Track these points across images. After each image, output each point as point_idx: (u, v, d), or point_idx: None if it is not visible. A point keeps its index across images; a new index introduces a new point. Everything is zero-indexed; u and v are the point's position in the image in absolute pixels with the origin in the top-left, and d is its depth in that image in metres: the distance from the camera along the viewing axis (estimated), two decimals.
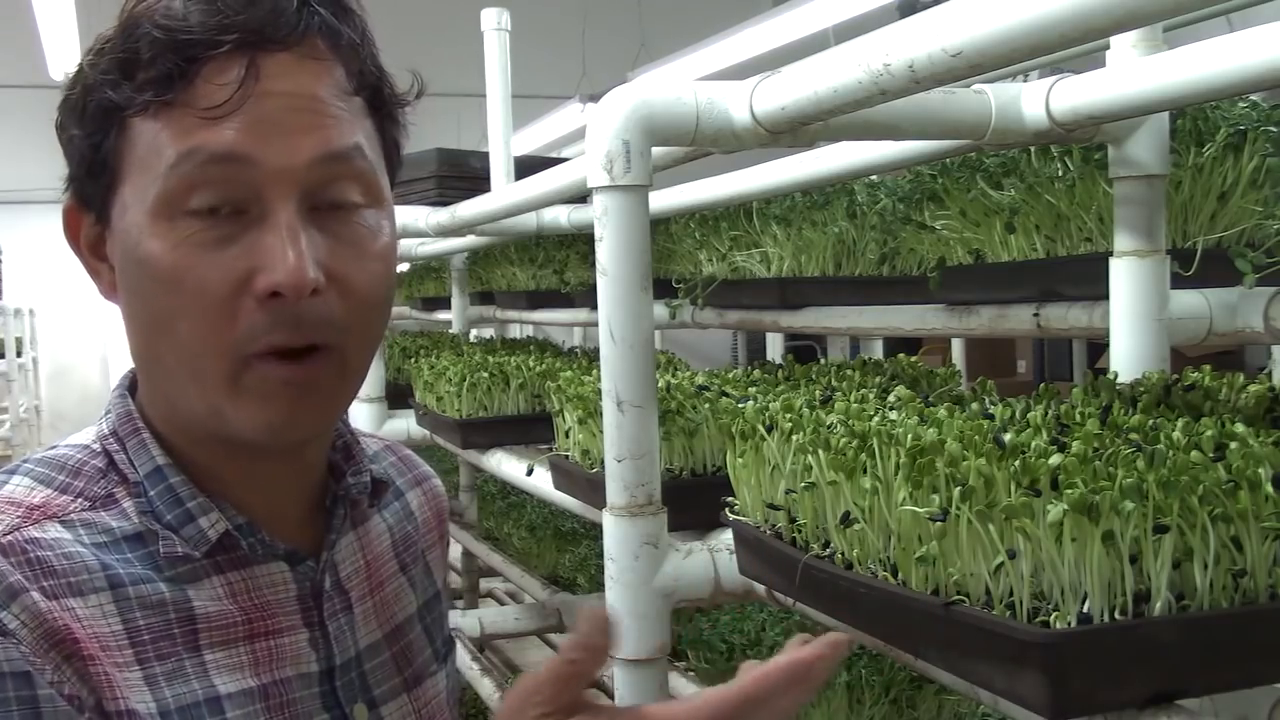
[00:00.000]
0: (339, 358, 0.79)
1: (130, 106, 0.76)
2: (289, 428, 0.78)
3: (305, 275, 0.74)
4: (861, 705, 2.04)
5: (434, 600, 0.99)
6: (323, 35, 0.78)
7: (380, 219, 0.82)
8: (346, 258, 0.78)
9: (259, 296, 0.75)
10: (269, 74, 0.75)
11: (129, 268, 0.78)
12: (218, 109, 0.74)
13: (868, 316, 2.05)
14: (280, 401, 0.77)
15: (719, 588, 1.32)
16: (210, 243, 0.75)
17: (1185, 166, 1.51)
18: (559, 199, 1.97)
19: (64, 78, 0.80)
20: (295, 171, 0.76)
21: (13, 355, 8.38)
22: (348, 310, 0.78)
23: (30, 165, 10.18)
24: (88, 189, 0.80)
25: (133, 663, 0.76)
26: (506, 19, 2.63)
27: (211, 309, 0.75)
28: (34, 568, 0.75)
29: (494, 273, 3.74)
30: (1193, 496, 0.80)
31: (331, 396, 0.80)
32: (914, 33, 0.97)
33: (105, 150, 0.78)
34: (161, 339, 0.78)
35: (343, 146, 0.78)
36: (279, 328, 0.75)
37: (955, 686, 0.99)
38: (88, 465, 0.82)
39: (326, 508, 0.89)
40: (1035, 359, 6.38)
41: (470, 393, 2.30)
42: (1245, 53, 1.06)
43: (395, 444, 1.05)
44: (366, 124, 0.82)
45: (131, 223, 0.77)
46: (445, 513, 1.05)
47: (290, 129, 0.76)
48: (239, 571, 0.82)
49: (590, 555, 3.35)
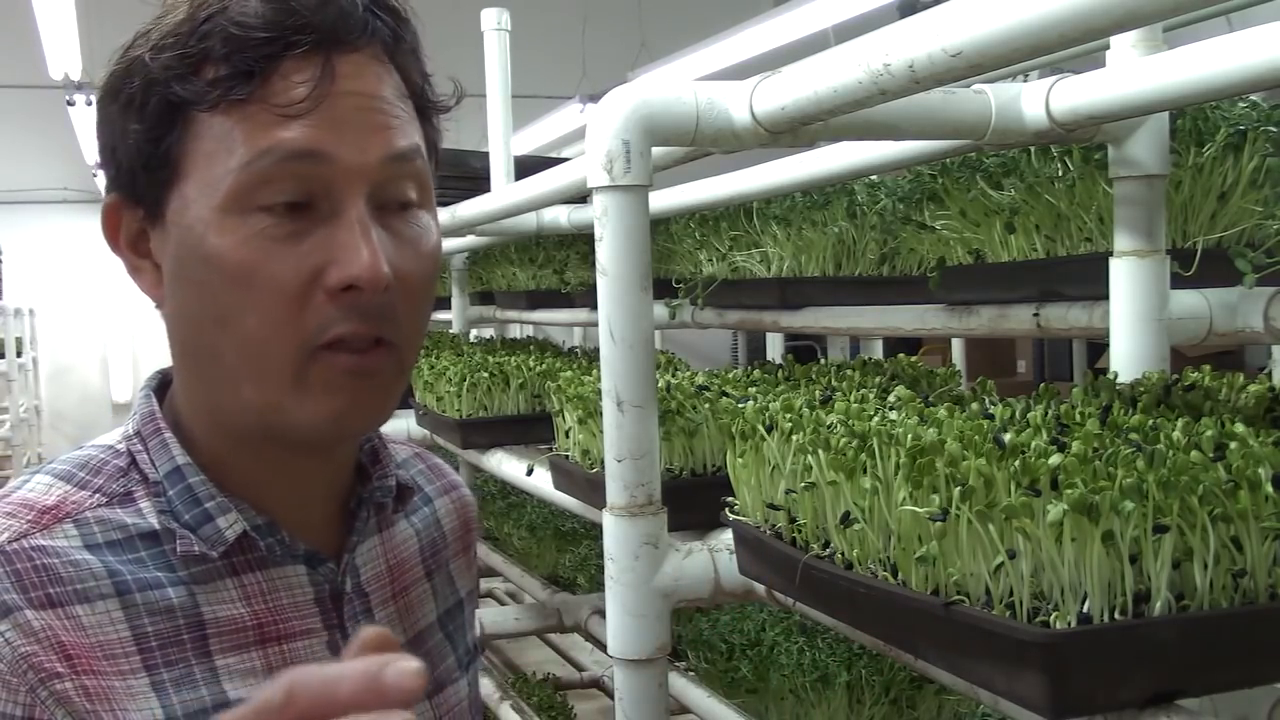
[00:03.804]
0: (398, 354, 0.80)
1: (201, 102, 0.76)
2: (350, 417, 0.79)
3: (381, 269, 0.75)
4: (861, 705, 2.04)
5: (456, 608, 0.99)
6: (384, 40, 0.80)
7: (430, 220, 0.83)
8: (406, 255, 0.79)
9: (332, 290, 0.75)
10: (342, 74, 0.77)
11: (190, 263, 0.78)
12: (295, 106, 0.75)
13: (868, 316, 2.05)
14: (344, 393, 0.78)
15: (719, 588, 1.32)
16: (282, 237, 0.76)
17: (1185, 166, 1.51)
18: (559, 199, 1.97)
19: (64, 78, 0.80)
20: (367, 169, 0.77)
21: (13, 355, 8.37)
22: (406, 307, 0.79)
23: (30, 165, 10.22)
24: (141, 184, 0.80)
25: (140, 670, 0.76)
26: (506, 19, 2.63)
27: (283, 302, 0.75)
28: (38, 575, 0.75)
29: (494, 273, 3.74)
30: (1193, 496, 0.80)
31: (389, 390, 0.81)
32: (914, 33, 0.97)
33: (167, 145, 0.77)
34: (222, 334, 0.78)
35: (407, 147, 0.80)
36: (349, 319, 0.76)
37: (955, 686, 0.99)
38: (109, 464, 0.83)
39: (351, 510, 0.89)
40: (1035, 359, 6.38)
41: (470, 393, 2.30)
42: (1245, 53, 1.06)
43: (424, 452, 1.06)
44: (419, 127, 0.83)
45: (195, 218, 0.77)
46: (474, 522, 1.05)
47: (361, 128, 0.77)
48: (256, 574, 0.82)
49: (590, 555, 3.35)
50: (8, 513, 0.78)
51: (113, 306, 10.60)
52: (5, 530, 0.77)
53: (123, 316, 10.69)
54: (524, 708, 2.70)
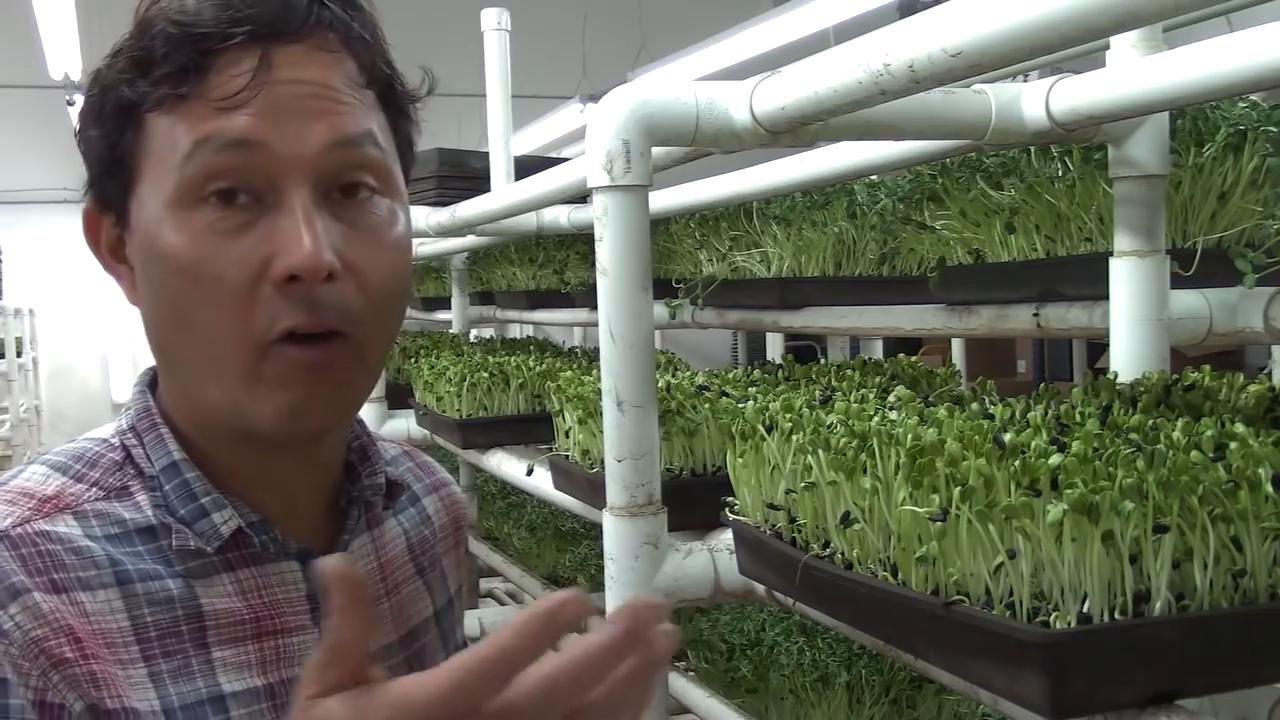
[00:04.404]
0: (355, 346, 0.79)
1: (145, 102, 0.77)
2: (306, 412, 0.78)
3: (320, 258, 0.74)
4: (861, 705, 2.04)
5: (448, 606, 0.99)
6: (333, 28, 0.79)
7: (395, 209, 0.82)
8: (362, 246, 0.78)
9: (276, 281, 0.75)
10: (281, 64, 0.76)
11: (149, 263, 0.78)
12: (232, 99, 0.75)
13: (868, 316, 2.05)
14: (298, 386, 0.77)
15: (719, 588, 1.32)
16: (228, 231, 0.75)
17: (1185, 166, 1.51)
18: (559, 199, 1.97)
19: (64, 78, 0.81)
20: (308, 157, 0.76)
21: (13, 355, 8.37)
22: (364, 299, 0.78)
23: (30, 165, 10.22)
24: (107, 190, 0.81)
25: (138, 660, 0.76)
26: (506, 19, 2.63)
27: (230, 298, 0.75)
28: (43, 560, 0.75)
29: (494, 273, 3.74)
30: (1193, 496, 0.80)
31: (348, 384, 0.80)
32: (914, 33, 0.97)
33: (123, 148, 0.78)
34: (182, 333, 0.78)
35: (355, 132, 0.79)
36: (296, 311, 0.75)
37: (955, 686, 0.99)
38: (105, 458, 0.83)
39: (341, 508, 0.89)
40: (1035, 359, 6.37)
41: (470, 393, 2.30)
42: (1245, 53, 1.06)
43: (414, 450, 1.05)
44: (379, 117, 0.82)
45: (150, 218, 0.77)
46: (464, 519, 1.05)
47: (303, 115, 0.77)
48: (250, 569, 0.82)
49: (590, 555, 3.35)
50: (8, 500, 0.78)
51: (113, 306, 10.58)
52: (8, 516, 0.76)
53: (123, 316, 10.68)
54: None
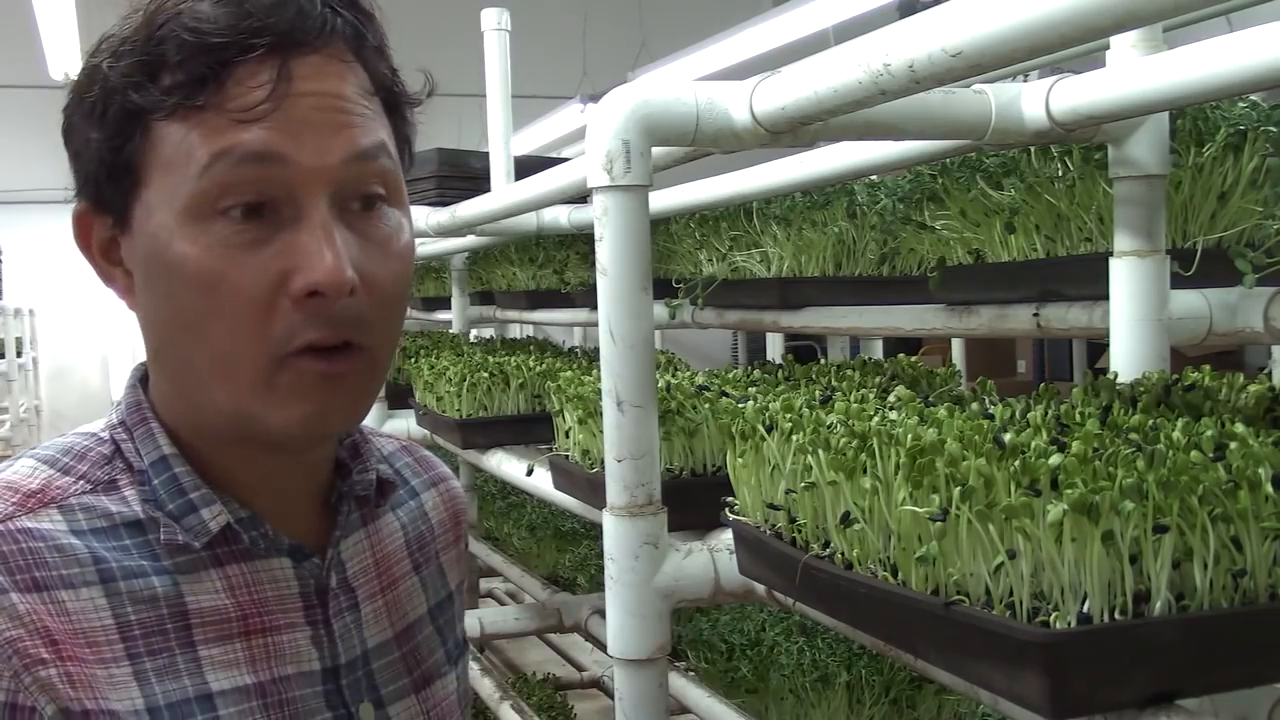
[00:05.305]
0: (369, 355, 0.79)
1: (157, 110, 0.75)
2: (321, 421, 0.79)
3: (344, 275, 0.75)
4: (861, 705, 2.04)
5: (446, 602, 0.99)
6: (346, 38, 0.79)
7: (401, 218, 0.82)
8: (374, 257, 0.79)
9: (296, 296, 0.75)
10: (299, 76, 0.76)
11: (155, 270, 0.78)
12: (251, 111, 0.74)
13: (868, 316, 2.05)
14: (314, 398, 0.77)
15: (719, 588, 1.32)
16: (245, 245, 0.75)
17: (1185, 166, 1.51)
18: (559, 199, 1.97)
19: (64, 78, 0.80)
20: (328, 170, 0.76)
21: (13, 355, 8.38)
22: (374, 309, 0.78)
23: (30, 165, 10.21)
24: (106, 193, 0.80)
25: (122, 658, 0.76)
26: (506, 19, 2.63)
27: (248, 310, 0.75)
28: (24, 558, 0.75)
29: (494, 273, 3.74)
30: (1193, 496, 0.80)
31: (361, 392, 0.81)
32: (914, 33, 0.97)
33: (128, 154, 0.77)
34: (190, 341, 0.77)
35: (370, 145, 0.79)
36: (315, 326, 0.75)
37: (955, 686, 0.99)
38: (93, 451, 0.83)
39: (333, 505, 0.89)
40: (1035, 359, 6.37)
41: (470, 393, 2.30)
42: (1245, 53, 1.06)
43: (413, 445, 1.05)
44: (386, 123, 0.82)
45: (159, 225, 0.77)
46: (463, 515, 1.04)
47: (321, 128, 0.76)
48: (239, 565, 0.82)
49: (590, 555, 3.36)
50: None
51: (113, 307, 10.56)
52: None
53: (123, 317, 10.65)
54: (524, 708, 2.69)
